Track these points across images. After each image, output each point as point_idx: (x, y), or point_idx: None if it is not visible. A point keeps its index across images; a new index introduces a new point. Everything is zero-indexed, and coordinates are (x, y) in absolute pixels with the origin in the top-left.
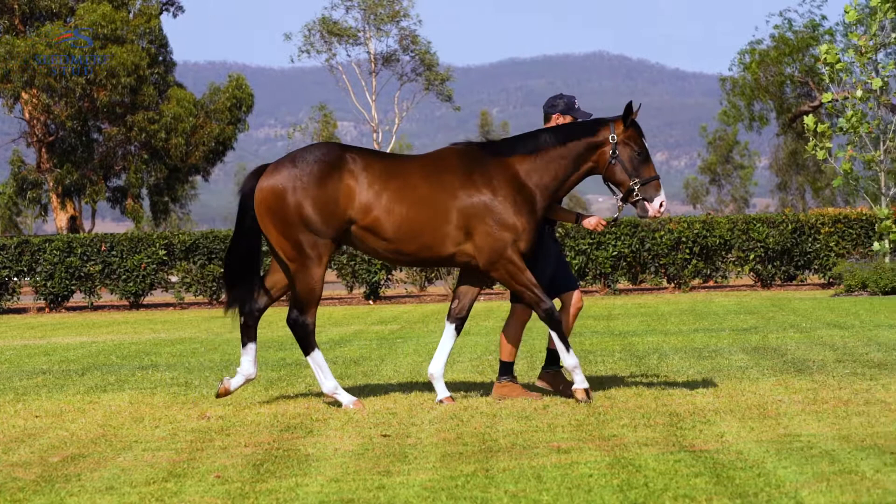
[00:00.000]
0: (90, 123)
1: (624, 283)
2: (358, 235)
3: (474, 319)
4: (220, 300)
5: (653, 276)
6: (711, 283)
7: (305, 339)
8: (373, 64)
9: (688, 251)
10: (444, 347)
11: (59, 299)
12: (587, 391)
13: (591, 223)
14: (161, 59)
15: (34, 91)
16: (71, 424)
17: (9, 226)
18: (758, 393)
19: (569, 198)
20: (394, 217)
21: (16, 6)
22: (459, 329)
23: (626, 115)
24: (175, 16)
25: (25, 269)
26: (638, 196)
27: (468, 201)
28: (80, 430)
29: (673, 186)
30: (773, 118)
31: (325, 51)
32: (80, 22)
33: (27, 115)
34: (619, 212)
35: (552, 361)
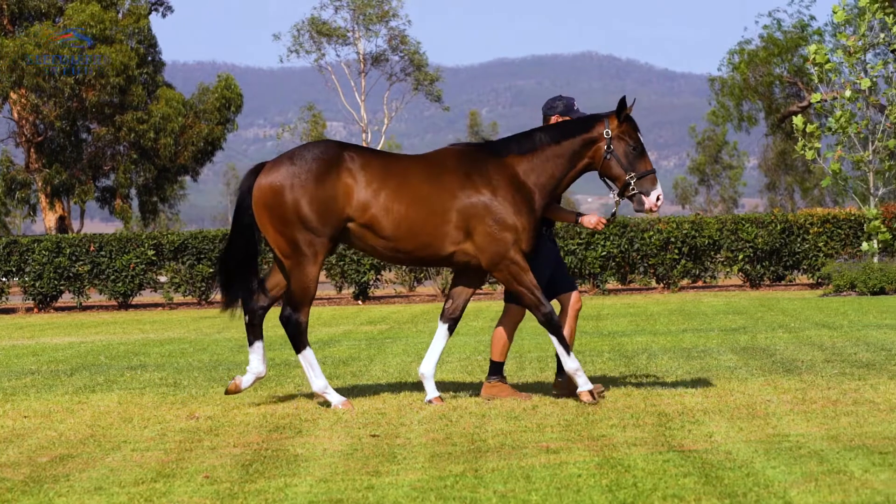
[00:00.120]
0: (79, 123)
1: (613, 284)
2: (356, 233)
3: (463, 319)
4: (210, 300)
5: (642, 276)
6: (700, 284)
7: (297, 336)
8: (362, 64)
9: (677, 251)
10: (435, 347)
11: (48, 299)
12: (592, 392)
13: (591, 222)
14: (150, 59)
15: (23, 91)
16: (60, 425)
17: None
18: (746, 393)
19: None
20: (392, 215)
21: (4, 6)
22: (452, 329)
23: (620, 109)
24: (164, 16)
25: (14, 269)
26: (634, 190)
27: (468, 201)
28: (69, 431)
29: (662, 186)
30: (761, 118)
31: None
32: (69, 22)
33: (16, 116)
34: (617, 206)
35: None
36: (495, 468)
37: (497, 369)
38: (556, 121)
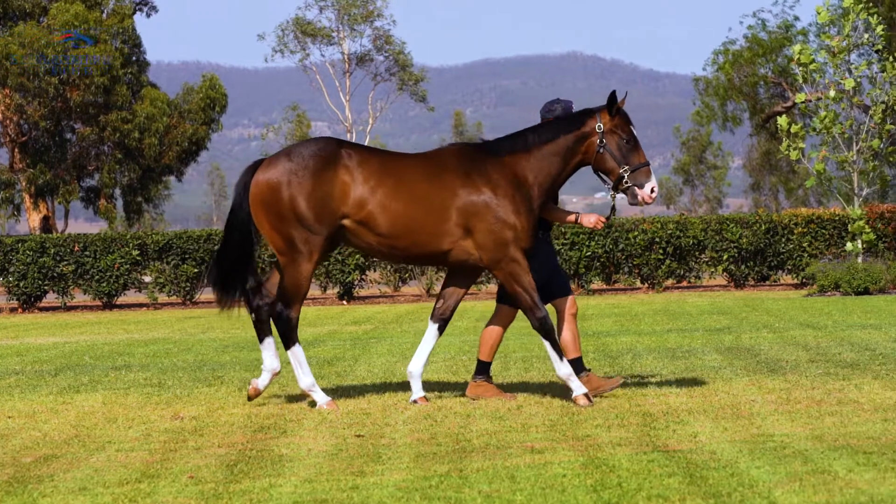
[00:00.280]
0: (63, 123)
1: (597, 284)
2: (351, 230)
3: None
4: (195, 300)
5: (626, 276)
6: (685, 284)
7: (288, 333)
8: (346, 64)
9: (661, 251)
10: (425, 347)
11: (32, 300)
12: (587, 395)
13: (590, 221)
14: (134, 58)
15: (7, 91)
16: (44, 425)
17: None
18: (731, 393)
19: None
20: (389, 213)
21: None
22: (442, 329)
23: (611, 103)
24: (148, 16)
25: None
26: (628, 183)
27: (468, 199)
28: (53, 431)
29: None
30: (746, 118)
31: (298, 51)
32: (53, 22)
33: (0, 116)
34: (613, 200)
35: (578, 370)
36: (480, 468)
37: (483, 369)
38: None
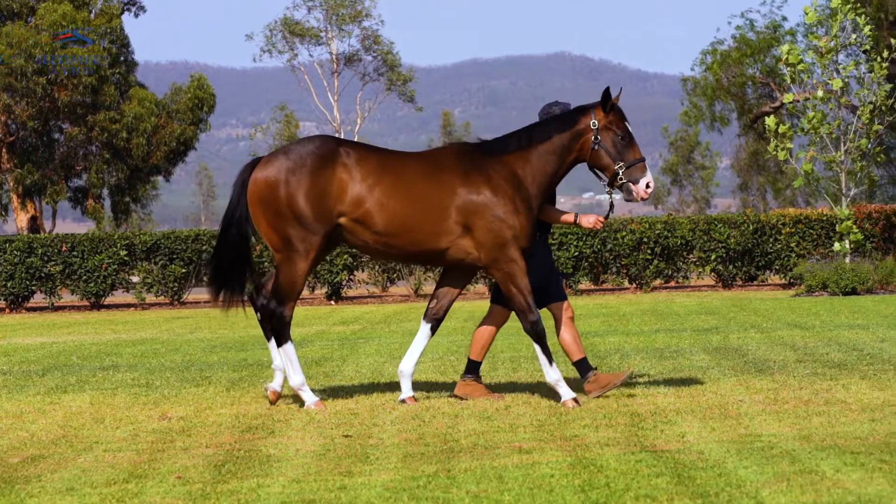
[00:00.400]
0: (51, 123)
1: (585, 284)
2: (348, 228)
3: None
4: (183, 300)
5: (614, 276)
6: (673, 284)
7: (280, 330)
8: (335, 64)
9: (649, 251)
10: (416, 346)
11: (20, 300)
12: (576, 399)
13: (589, 222)
14: (122, 58)
15: None
16: (31, 425)
17: None
18: (719, 393)
19: None
20: (386, 211)
21: None
22: (435, 329)
23: (605, 100)
24: (136, 16)
25: None
26: (623, 179)
27: (468, 199)
28: (41, 431)
29: None
30: (734, 119)
31: (286, 51)
32: (41, 22)
33: None
34: (611, 198)
35: (585, 370)
36: (468, 468)
37: (473, 368)
38: None
